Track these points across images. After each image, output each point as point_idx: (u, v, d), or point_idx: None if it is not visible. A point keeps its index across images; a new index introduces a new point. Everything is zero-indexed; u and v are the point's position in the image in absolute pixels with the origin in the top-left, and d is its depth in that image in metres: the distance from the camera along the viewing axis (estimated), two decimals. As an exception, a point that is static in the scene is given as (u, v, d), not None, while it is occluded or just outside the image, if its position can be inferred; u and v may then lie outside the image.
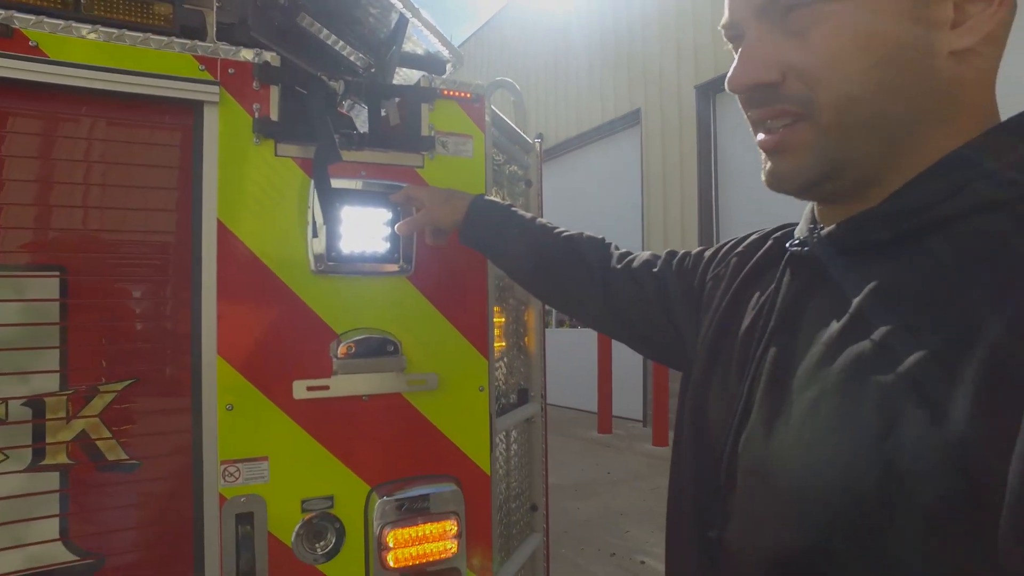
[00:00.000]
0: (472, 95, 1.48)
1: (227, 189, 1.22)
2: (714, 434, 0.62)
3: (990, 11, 0.47)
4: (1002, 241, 0.43)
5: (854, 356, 0.47)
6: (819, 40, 0.49)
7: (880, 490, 0.42)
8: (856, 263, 0.52)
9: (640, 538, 4.56)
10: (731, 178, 8.09)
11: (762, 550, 0.50)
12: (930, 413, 0.40)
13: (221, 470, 1.20)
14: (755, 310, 0.63)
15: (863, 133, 0.50)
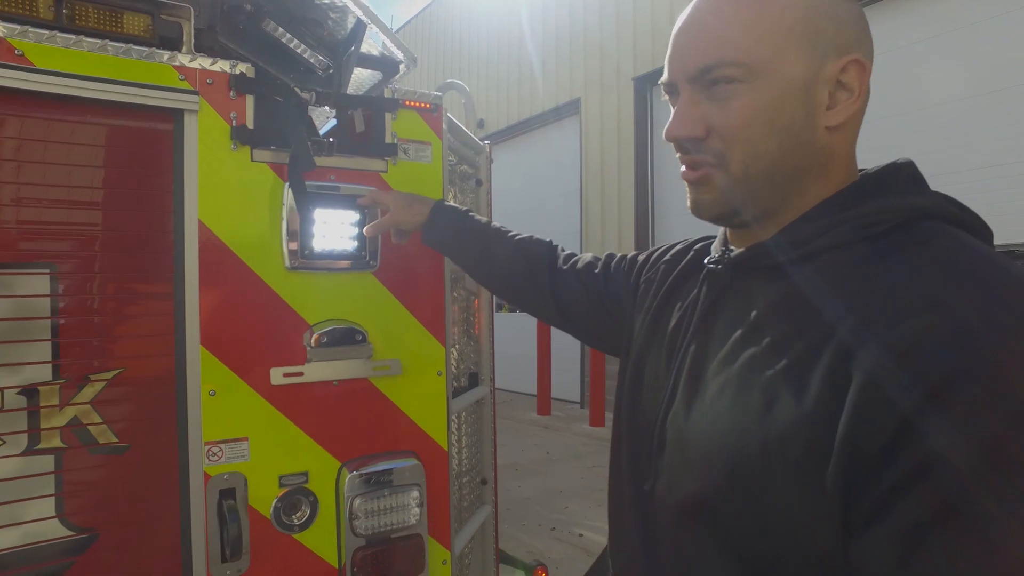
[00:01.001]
0: (431, 105, 1.61)
1: (207, 192, 1.31)
2: (646, 411, 0.79)
3: (852, 100, 0.66)
4: (845, 272, 0.61)
5: (749, 356, 0.64)
6: (735, 111, 0.66)
7: (761, 452, 0.59)
8: (754, 281, 0.70)
9: (578, 513, 4.82)
10: (667, 168, 8.43)
11: (680, 497, 0.68)
12: (792, 399, 0.58)
13: (205, 450, 1.31)
14: (680, 313, 0.81)
15: (761, 182, 0.68)
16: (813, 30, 0.64)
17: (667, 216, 8.43)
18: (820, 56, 0.64)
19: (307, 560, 1.42)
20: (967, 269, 0.55)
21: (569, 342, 9.09)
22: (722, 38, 0.65)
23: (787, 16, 0.64)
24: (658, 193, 8.54)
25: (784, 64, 0.64)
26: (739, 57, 0.65)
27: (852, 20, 0.66)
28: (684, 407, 0.71)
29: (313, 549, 1.43)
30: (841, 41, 0.65)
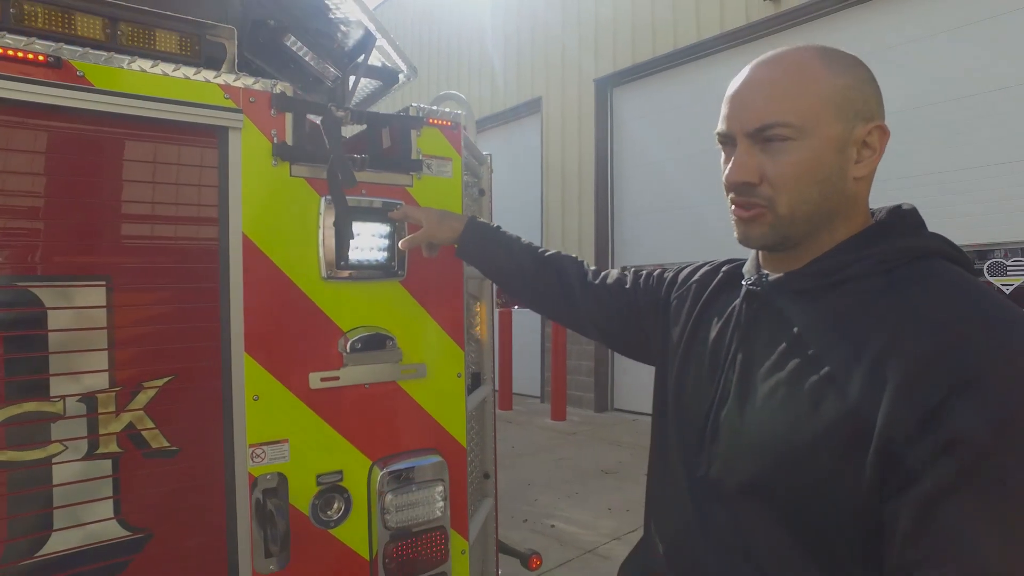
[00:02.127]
0: (452, 123, 1.71)
1: (250, 206, 1.38)
2: (693, 410, 0.92)
3: (874, 157, 0.81)
4: (872, 298, 0.76)
5: (795, 364, 0.78)
6: (785, 163, 0.80)
7: (811, 440, 0.73)
8: (791, 301, 0.84)
9: (549, 505, 4.98)
10: (626, 169, 8.67)
11: (739, 479, 0.81)
12: (837, 398, 0.72)
13: (249, 452, 1.38)
14: (719, 324, 0.94)
15: (802, 222, 0.82)
16: (848, 101, 0.79)
17: (626, 216, 8.67)
18: (852, 121, 0.80)
19: (342, 553, 1.50)
20: (970, 297, 0.72)
21: (529, 338, 9.28)
22: (779, 103, 0.80)
23: (829, 89, 0.79)
24: (618, 194, 8.77)
25: (825, 127, 0.79)
26: (792, 120, 0.79)
27: (875, 95, 0.82)
28: (737, 406, 0.84)
29: (347, 543, 1.51)
30: (867, 110, 0.81)
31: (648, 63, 8.09)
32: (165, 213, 1.31)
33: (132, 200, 1.27)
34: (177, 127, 1.31)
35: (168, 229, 1.31)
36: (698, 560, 0.87)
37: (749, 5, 6.96)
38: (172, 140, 1.31)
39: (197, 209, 1.35)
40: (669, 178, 7.95)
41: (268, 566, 1.40)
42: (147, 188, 1.29)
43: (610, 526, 4.44)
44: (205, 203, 1.35)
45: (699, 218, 7.50)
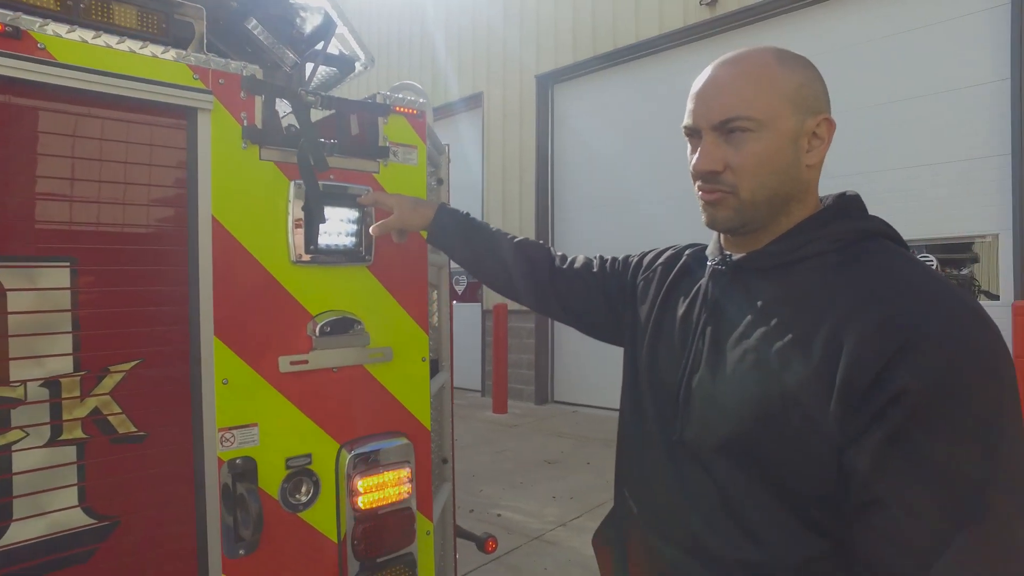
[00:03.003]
0: (417, 111, 1.73)
1: (219, 189, 1.36)
2: (666, 378, 1.00)
3: (823, 145, 0.91)
4: (827, 273, 0.85)
5: (761, 333, 0.87)
6: (747, 153, 0.88)
7: (780, 399, 0.81)
8: (754, 278, 0.93)
9: (494, 495, 5.04)
10: (567, 165, 8.82)
11: (716, 438, 0.89)
12: (801, 361, 0.80)
13: (219, 436, 1.37)
14: (686, 302, 1.02)
15: (763, 206, 0.91)
16: (801, 97, 0.89)
17: (568, 212, 8.83)
18: (804, 115, 0.89)
19: (311, 536, 1.51)
20: (909, 272, 0.82)
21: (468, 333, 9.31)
22: (741, 98, 0.88)
23: (785, 86, 0.88)
24: (559, 190, 8.91)
25: (782, 121, 0.88)
26: (753, 114, 0.88)
27: (823, 91, 0.92)
28: (709, 372, 0.92)
29: (315, 526, 1.52)
30: (817, 105, 0.90)
31: (589, 61, 8.26)
32: (132, 194, 1.28)
33: (97, 180, 1.24)
34: (144, 106, 1.28)
35: (136, 211, 1.29)
36: (679, 518, 0.94)
37: (687, 8, 7.22)
38: (139, 119, 1.29)
39: (165, 191, 1.32)
40: (612, 174, 8.14)
41: (238, 551, 1.39)
42: (112, 168, 1.26)
43: (555, 513, 4.55)
44: (173, 185, 1.33)
45: (642, 212, 7.74)
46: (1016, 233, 5.26)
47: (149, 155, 1.30)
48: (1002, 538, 0.70)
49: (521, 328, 8.95)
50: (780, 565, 0.83)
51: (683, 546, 0.94)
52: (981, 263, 5.67)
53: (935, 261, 5.81)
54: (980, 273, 5.69)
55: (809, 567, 0.81)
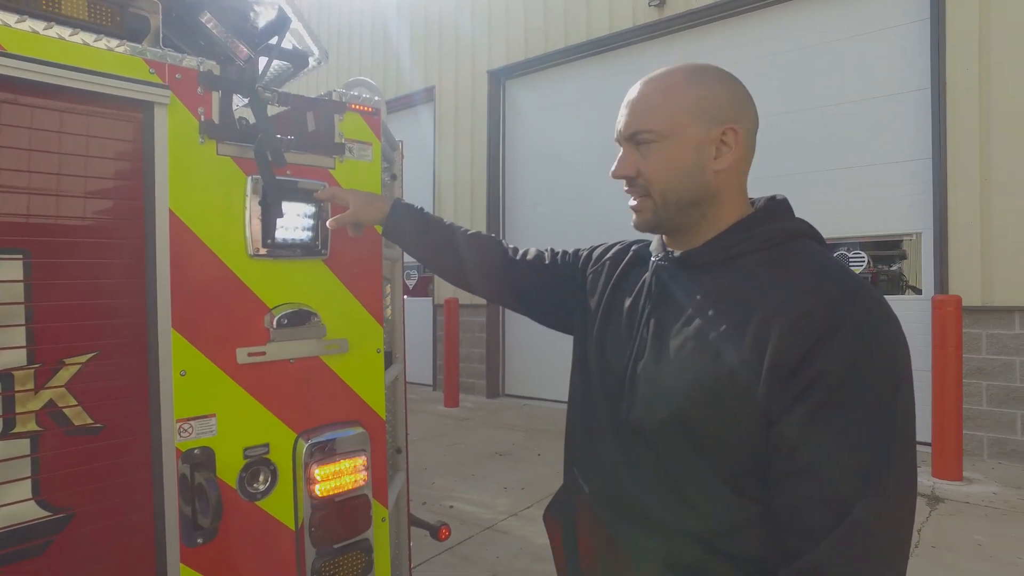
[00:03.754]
0: (372, 109, 1.77)
1: (177, 183, 1.38)
2: (613, 364, 1.08)
3: (731, 152, 1.00)
4: (757, 271, 0.95)
5: (700, 324, 0.96)
6: (654, 160, 0.99)
7: (716, 382, 0.90)
8: (693, 273, 1.02)
9: (446, 487, 5.10)
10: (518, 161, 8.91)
11: (660, 418, 0.97)
12: (735, 349, 0.90)
13: (177, 427, 1.39)
14: (632, 294, 1.11)
15: (673, 207, 1.01)
16: (701, 109, 0.98)
17: (519, 206, 8.92)
18: (707, 125, 0.98)
19: (269, 524, 1.54)
20: (829, 270, 0.93)
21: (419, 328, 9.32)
22: (644, 113, 1.00)
23: (684, 100, 0.99)
24: (510, 185, 9.00)
25: (682, 130, 0.98)
26: (652, 126, 0.99)
27: (731, 103, 1.00)
28: (653, 358, 1.01)
29: (273, 514, 1.55)
30: (722, 115, 0.99)
31: (541, 57, 8.36)
32: (88, 187, 1.28)
33: (51, 173, 1.24)
34: (99, 100, 1.28)
35: (91, 204, 1.29)
36: (626, 493, 1.03)
37: (636, 8, 7.40)
38: (94, 112, 1.29)
39: (121, 184, 1.33)
40: (564, 168, 8.27)
41: (196, 540, 1.42)
42: (66, 161, 1.26)
43: (507, 504, 4.64)
44: (130, 178, 1.34)
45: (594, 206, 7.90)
46: (935, 232, 5.63)
47: (104, 149, 1.31)
48: (898, 491, 0.82)
49: (472, 322, 9.01)
50: (716, 530, 0.93)
51: (629, 516, 1.02)
52: (908, 260, 6.06)
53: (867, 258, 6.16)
54: (908, 269, 6.07)
55: (741, 530, 0.91)
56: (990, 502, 4.46)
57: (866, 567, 0.80)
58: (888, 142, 5.93)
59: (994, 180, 5.34)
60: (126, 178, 1.34)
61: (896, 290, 6.10)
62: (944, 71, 5.55)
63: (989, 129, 5.37)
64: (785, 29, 6.60)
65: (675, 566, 0.96)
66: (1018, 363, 5.28)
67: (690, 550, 0.94)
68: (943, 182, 5.54)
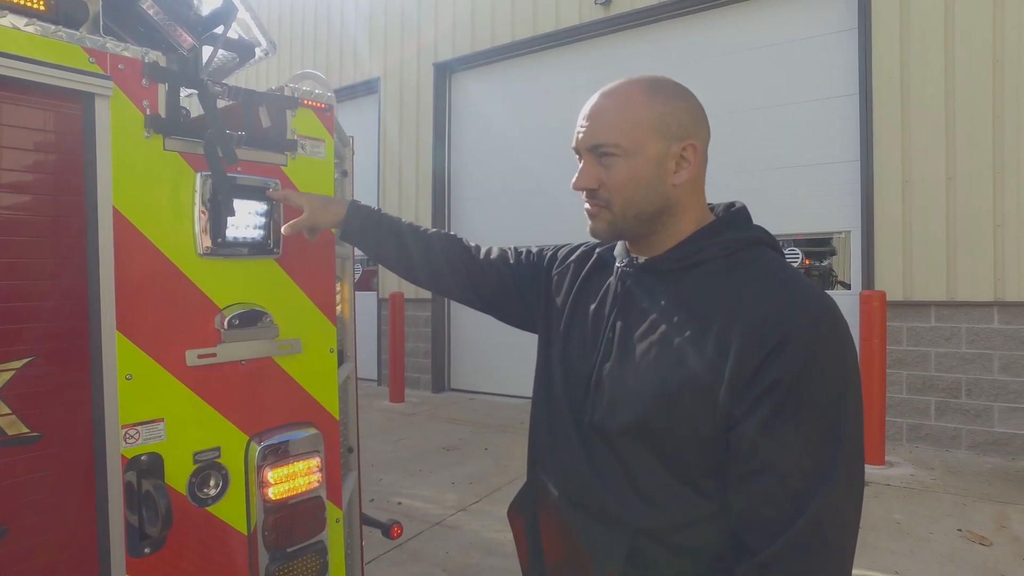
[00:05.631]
0: (325, 105, 1.73)
1: (121, 179, 1.32)
2: (578, 366, 1.10)
3: (690, 167, 1.03)
4: (717, 278, 0.99)
5: (663, 330, 0.99)
6: (615, 174, 1.02)
7: (678, 387, 0.94)
8: (656, 280, 1.05)
9: (393, 483, 5.06)
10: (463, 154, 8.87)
11: (622, 422, 1.00)
12: (697, 355, 0.93)
13: (122, 433, 1.33)
14: (598, 298, 1.13)
15: (632, 219, 1.04)
16: (664, 125, 1.01)
17: (466, 201, 8.89)
18: (668, 141, 1.02)
19: (220, 530, 1.50)
20: (783, 279, 0.97)
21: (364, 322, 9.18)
22: (608, 127, 1.02)
23: (647, 116, 1.01)
24: (456, 179, 8.95)
25: (645, 147, 1.01)
26: (619, 141, 1.01)
27: (690, 119, 1.04)
28: (618, 362, 1.04)
29: (225, 519, 1.51)
30: (682, 132, 1.02)
31: (488, 51, 8.34)
32: (22, 182, 1.21)
33: (-18, 167, 1.17)
34: (34, 89, 1.21)
35: (26, 200, 1.22)
36: (589, 492, 1.05)
37: (582, 6, 7.47)
38: (28, 103, 1.22)
39: (60, 179, 1.26)
40: (512, 163, 8.29)
41: (143, 549, 1.37)
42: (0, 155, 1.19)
43: (454, 499, 4.65)
44: (69, 173, 1.27)
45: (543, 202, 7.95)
46: (863, 231, 5.96)
47: (41, 142, 1.24)
48: (848, 487, 0.87)
49: (417, 317, 8.95)
50: (675, 526, 0.97)
51: (591, 514, 1.05)
52: (838, 256, 6.38)
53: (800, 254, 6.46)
54: (837, 266, 6.39)
55: (699, 526, 0.96)
56: (907, 483, 4.78)
57: (819, 559, 0.85)
58: (820, 144, 6.22)
59: (914, 182, 5.69)
60: (65, 173, 1.27)
61: (827, 285, 6.42)
62: (871, 78, 5.86)
63: (910, 134, 5.71)
64: (725, 32, 6.82)
65: (636, 561, 0.99)
66: (933, 354, 5.66)
67: (650, 546, 0.98)
68: (870, 183, 5.86)
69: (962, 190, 5.51)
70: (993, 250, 5.40)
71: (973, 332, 5.49)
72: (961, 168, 5.52)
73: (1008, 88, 5.35)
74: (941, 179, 5.59)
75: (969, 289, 5.49)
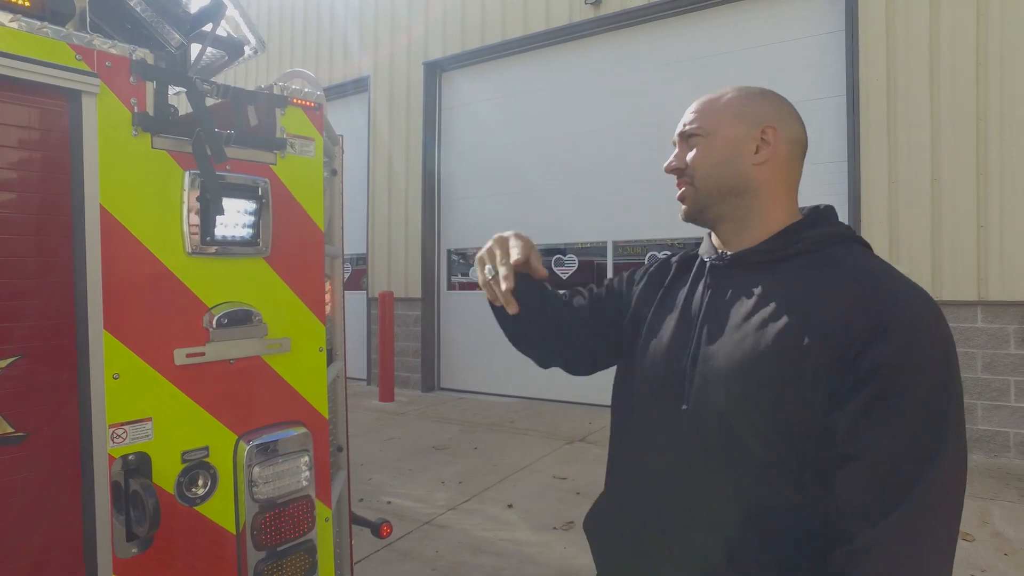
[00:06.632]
0: (315, 104, 1.73)
1: (108, 177, 1.31)
2: (672, 363, 1.10)
3: (769, 150, 1.06)
4: (811, 270, 0.99)
5: (759, 318, 1.00)
6: (697, 152, 1.08)
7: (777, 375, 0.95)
8: (748, 272, 1.07)
9: (383, 483, 5.05)
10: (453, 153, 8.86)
11: (717, 411, 1.00)
12: (797, 341, 0.93)
13: (109, 433, 1.33)
14: (685, 295, 1.15)
15: (712, 192, 1.08)
16: (743, 112, 1.08)
17: (456, 199, 8.89)
18: (747, 125, 1.08)
19: (208, 529, 1.50)
20: (879, 270, 1.00)
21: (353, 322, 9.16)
22: (695, 115, 1.11)
23: (729, 104, 1.10)
24: (446, 177, 8.94)
25: (723, 128, 1.08)
26: (701, 124, 1.10)
27: (773, 109, 1.09)
28: (713, 353, 1.04)
29: (213, 518, 1.51)
30: (762, 117, 1.08)
31: (479, 51, 8.34)
32: (9, 180, 1.21)
33: (-32, 164, 1.16)
34: (19, 86, 1.20)
35: (13, 198, 1.21)
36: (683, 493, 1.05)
37: (572, 5, 7.49)
38: (14, 100, 1.21)
39: (47, 178, 1.25)
40: (502, 162, 8.30)
41: (130, 550, 1.36)
42: (-14, 152, 1.18)
43: (444, 498, 4.65)
44: (56, 172, 1.26)
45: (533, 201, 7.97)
46: (849, 230, 6.01)
47: (26, 139, 1.23)
48: (951, 476, 0.88)
49: (407, 316, 8.93)
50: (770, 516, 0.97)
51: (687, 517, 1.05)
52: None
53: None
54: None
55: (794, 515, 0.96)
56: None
57: (920, 545, 0.86)
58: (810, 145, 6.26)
59: (900, 183, 5.75)
60: (52, 171, 1.26)
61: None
62: (857, 80, 5.91)
63: (896, 135, 5.78)
64: (714, 33, 6.86)
65: (734, 559, 0.99)
66: (919, 352, 5.72)
67: (747, 538, 0.99)
68: (857, 184, 5.92)
69: (947, 191, 5.58)
70: (977, 250, 5.48)
71: (957, 331, 5.56)
72: (946, 169, 5.59)
73: (992, 91, 5.43)
74: (926, 180, 5.65)
75: (953, 288, 5.56)
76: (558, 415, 7.28)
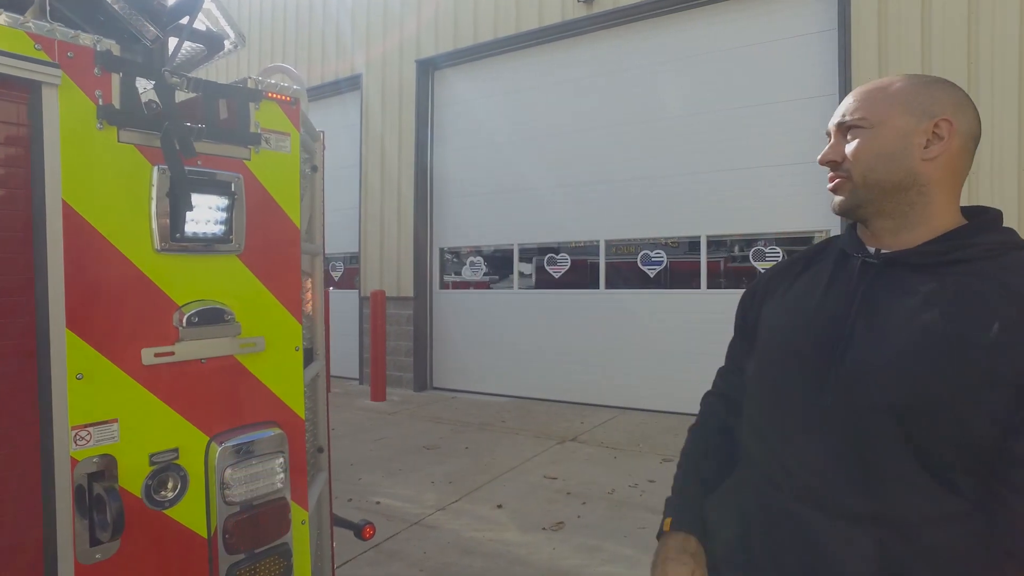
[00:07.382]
0: (291, 98, 1.70)
1: (71, 171, 1.27)
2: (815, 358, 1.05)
3: (941, 145, 1.01)
4: (988, 277, 0.94)
5: (927, 320, 0.95)
6: (857, 144, 1.04)
7: (949, 382, 0.89)
8: (910, 272, 1.01)
9: (373, 483, 5.02)
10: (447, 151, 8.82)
11: (873, 405, 0.95)
12: (962, 352, 0.90)
13: (72, 435, 1.29)
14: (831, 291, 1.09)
15: (875, 190, 1.04)
16: (914, 102, 1.03)
17: (450, 198, 8.85)
18: (917, 117, 1.02)
19: (178, 533, 1.46)
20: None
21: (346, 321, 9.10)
22: (856, 104, 1.08)
23: (898, 93, 1.04)
24: (439, 176, 8.90)
25: (891, 118, 1.03)
26: (864, 114, 1.05)
27: (949, 101, 1.03)
28: (867, 352, 1.00)
29: (183, 522, 1.47)
30: (936, 109, 1.02)
31: (471, 48, 8.30)
32: (-37, 174, 1.17)
33: (-80, 157, 1.12)
34: (-24, 77, 1.17)
35: (-32, 192, 1.17)
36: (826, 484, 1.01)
37: (565, 3, 7.46)
38: (-29, 92, 1.17)
39: (5, 172, 1.21)
40: (496, 161, 8.27)
41: (94, 555, 1.32)
42: (-60, 144, 1.14)
43: (434, 498, 4.62)
44: (15, 166, 1.22)
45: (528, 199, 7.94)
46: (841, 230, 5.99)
47: (-15, 132, 1.19)
48: None
49: (399, 315, 8.89)
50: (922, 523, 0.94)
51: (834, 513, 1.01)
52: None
53: (781, 252, 6.49)
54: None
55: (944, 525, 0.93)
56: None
57: None
58: (801, 143, 6.25)
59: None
60: (10, 165, 1.22)
61: (805, 284, 6.46)
62: (850, 78, 5.90)
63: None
64: (706, 31, 6.84)
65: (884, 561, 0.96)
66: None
67: (897, 543, 0.95)
68: (848, 182, 5.90)
69: (938, 190, 5.57)
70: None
71: None
72: (937, 168, 5.58)
73: (983, 89, 5.42)
74: (918, 179, 5.64)
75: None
76: (550, 414, 7.25)
